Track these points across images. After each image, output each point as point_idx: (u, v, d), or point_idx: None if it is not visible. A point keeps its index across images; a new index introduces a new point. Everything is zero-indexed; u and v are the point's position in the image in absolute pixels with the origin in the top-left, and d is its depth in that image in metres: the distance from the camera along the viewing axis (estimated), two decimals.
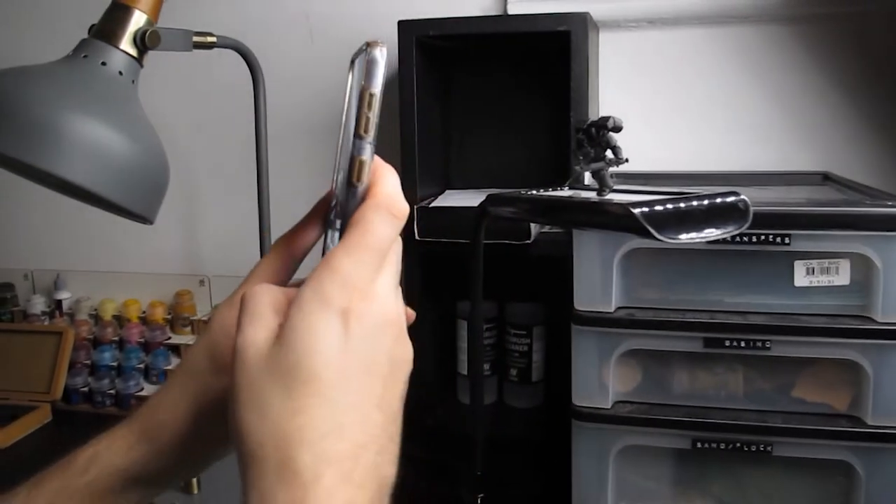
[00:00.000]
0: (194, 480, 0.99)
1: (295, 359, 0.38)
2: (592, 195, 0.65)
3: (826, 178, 1.15)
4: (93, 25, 0.86)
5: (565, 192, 0.69)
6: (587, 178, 0.87)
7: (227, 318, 0.49)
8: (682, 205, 0.54)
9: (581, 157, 0.64)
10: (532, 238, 1.06)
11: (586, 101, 1.06)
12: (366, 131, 0.42)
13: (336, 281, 0.40)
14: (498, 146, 1.29)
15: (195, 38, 0.92)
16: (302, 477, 0.36)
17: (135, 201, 0.80)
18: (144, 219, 0.84)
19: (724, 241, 0.82)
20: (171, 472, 0.52)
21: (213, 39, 0.95)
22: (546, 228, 1.10)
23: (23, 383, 1.34)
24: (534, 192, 0.68)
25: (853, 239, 0.81)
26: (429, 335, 1.22)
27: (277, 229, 1.16)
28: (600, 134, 0.62)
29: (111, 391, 1.33)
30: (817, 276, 0.84)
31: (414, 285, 1.16)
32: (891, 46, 1.18)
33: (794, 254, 0.83)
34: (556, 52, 1.07)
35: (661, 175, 1.23)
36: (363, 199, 0.42)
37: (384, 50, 0.42)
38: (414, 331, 1.20)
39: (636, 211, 0.52)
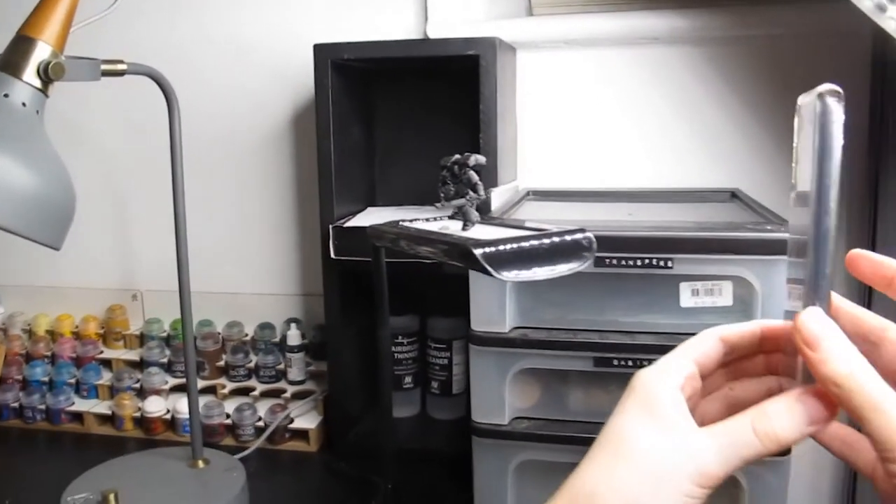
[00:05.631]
0: None
1: None
2: (458, 228, 0.68)
3: (733, 196, 1.19)
4: None
5: (436, 224, 0.72)
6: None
7: None
8: (525, 244, 0.57)
9: (442, 195, 0.67)
10: None
11: (495, 124, 1.09)
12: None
13: None
14: (421, 164, 1.32)
15: (104, 67, 0.94)
16: None
17: (37, 231, 0.82)
18: (50, 246, 0.86)
19: (612, 263, 0.87)
20: None
21: (124, 67, 0.97)
22: None
23: None
24: (409, 222, 0.71)
25: (733, 262, 0.85)
26: (353, 350, 1.25)
27: (198, 248, 1.19)
28: (462, 171, 0.65)
29: (42, 406, 1.34)
30: (702, 298, 0.87)
31: (333, 302, 1.20)
32: (798, 69, 1.22)
33: (679, 276, 0.87)
34: (470, 74, 1.11)
35: (575, 192, 1.26)
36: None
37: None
38: (337, 346, 1.23)
39: (477, 251, 0.55)
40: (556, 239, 0.59)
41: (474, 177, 0.65)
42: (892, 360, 0.44)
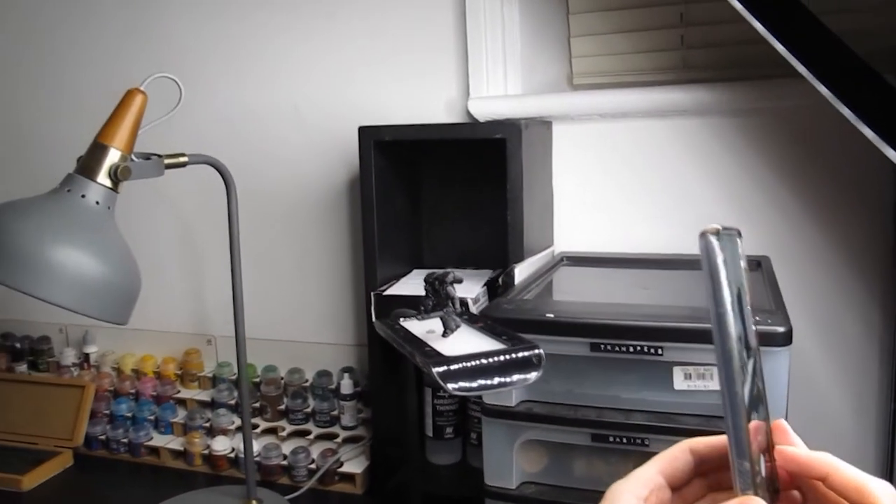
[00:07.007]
0: None
1: None
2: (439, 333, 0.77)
3: (758, 266, 1.24)
4: (80, 157, 1.03)
5: (425, 325, 0.81)
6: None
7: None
8: (478, 362, 0.66)
9: (422, 307, 0.77)
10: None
11: (521, 201, 1.18)
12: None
13: None
14: (464, 227, 1.42)
15: (167, 161, 1.08)
16: None
17: (106, 313, 0.97)
18: (117, 323, 1.00)
19: (606, 349, 0.95)
20: None
21: (185, 159, 1.10)
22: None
23: (50, 430, 1.52)
24: (406, 319, 0.81)
25: None
26: (396, 400, 1.35)
27: (266, 300, 1.31)
28: (442, 287, 0.74)
29: (125, 440, 1.50)
30: (694, 381, 0.94)
31: (376, 357, 1.31)
32: (820, 138, 1.26)
33: (671, 362, 0.94)
34: (503, 150, 1.20)
35: (607, 258, 1.33)
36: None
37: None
38: (381, 398, 1.35)
39: (434, 370, 0.64)
40: (507, 357, 0.68)
41: (452, 292, 0.75)
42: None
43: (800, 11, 0.95)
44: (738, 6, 0.98)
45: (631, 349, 0.93)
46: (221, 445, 1.43)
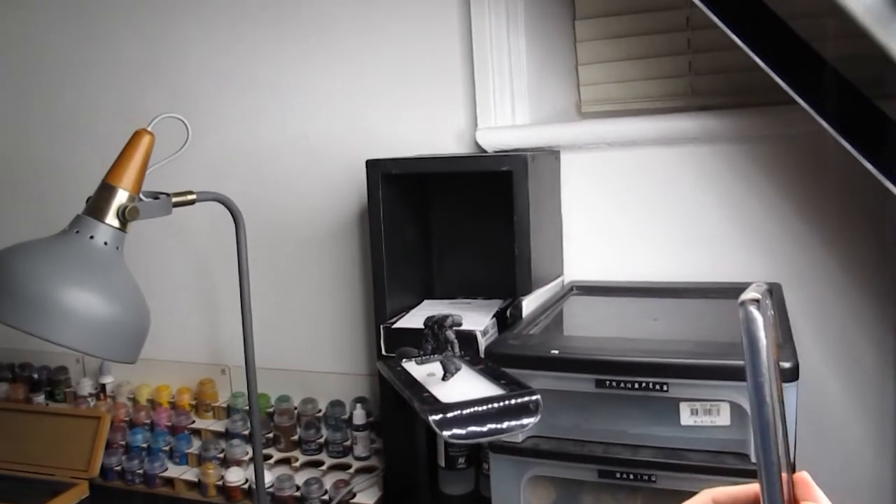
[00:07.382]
0: None
1: None
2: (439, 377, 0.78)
3: (769, 294, 1.23)
4: (89, 197, 1.05)
5: (427, 368, 0.81)
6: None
7: None
8: (476, 409, 0.66)
9: (421, 352, 0.77)
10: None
11: (528, 234, 1.18)
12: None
13: None
14: (473, 259, 1.42)
15: (175, 199, 1.09)
16: None
17: (115, 353, 0.98)
18: (126, 362, 1.01)
19: (611, 385, 0.95)
20: None
21: (193, 197, 1.11)
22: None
23: (66, 461, 1.54)
24: (409, 360, 0.81)
25: (725, 387, 0.90)
26: (408, 431, 1.35)
27: (279, 330, 1.32)
28: (441, 331, 0.75)
29: (140, 471, 1.51)
30: (701, 417, 0.93)
31: (387, 388, 1.31)
32: (829, 163, 1.25)
33: (677, 398, 0.93)
34: (510, 182, 1.20)
35: (617, 287, 1.33)
36: None
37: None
38: (392, 428, 1.35)
39: (430, 418, 0.65)
40: (504, 403, 0.68)
41: (451, 336, 0.75)
42: None
43: (794, 41, 0.95)
44: (737, 40, 0.98)
45: (636, 385, 0.93)
46: (235, 476, 1.44)
